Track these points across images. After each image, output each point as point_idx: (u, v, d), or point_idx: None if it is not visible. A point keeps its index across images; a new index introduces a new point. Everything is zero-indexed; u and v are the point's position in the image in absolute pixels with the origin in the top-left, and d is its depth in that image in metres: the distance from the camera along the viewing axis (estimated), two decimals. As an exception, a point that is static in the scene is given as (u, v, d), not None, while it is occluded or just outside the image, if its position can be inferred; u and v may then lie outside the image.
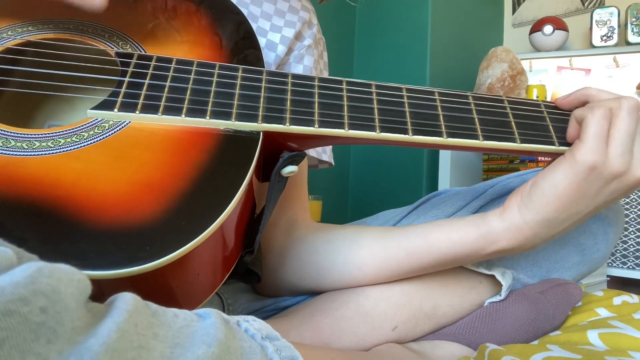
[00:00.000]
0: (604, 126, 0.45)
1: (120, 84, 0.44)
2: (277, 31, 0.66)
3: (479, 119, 0.48)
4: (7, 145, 0.39)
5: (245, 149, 0.42)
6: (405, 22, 1.73)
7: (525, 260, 0.60)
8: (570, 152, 0.46)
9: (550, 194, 0.46)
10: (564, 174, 0.45)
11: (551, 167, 0.47)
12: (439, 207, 0.64)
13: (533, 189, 0.47)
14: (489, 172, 1.65)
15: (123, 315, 0.24)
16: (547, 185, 0.46)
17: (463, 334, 0.55)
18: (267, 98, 0.45)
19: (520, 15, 2.25)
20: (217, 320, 0.29)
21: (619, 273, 1.64)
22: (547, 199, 0.46)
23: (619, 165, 0.44)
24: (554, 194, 0.46)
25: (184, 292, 0.39)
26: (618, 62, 1.90)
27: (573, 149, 0.46)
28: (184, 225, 0.35)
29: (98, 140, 0.40)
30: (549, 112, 0.50)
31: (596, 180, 0.45)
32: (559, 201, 0.46)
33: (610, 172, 0.44)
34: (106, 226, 0.34)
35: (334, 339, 0.51)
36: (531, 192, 0.47)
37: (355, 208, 1.80)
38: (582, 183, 0.45)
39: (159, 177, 0.38)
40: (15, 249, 0.25)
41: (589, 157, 0.44)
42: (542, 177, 0.47)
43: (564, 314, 0.58)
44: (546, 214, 0.46)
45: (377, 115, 0.46)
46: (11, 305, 0.21)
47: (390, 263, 0.52)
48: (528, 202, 0.47)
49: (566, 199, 0.46)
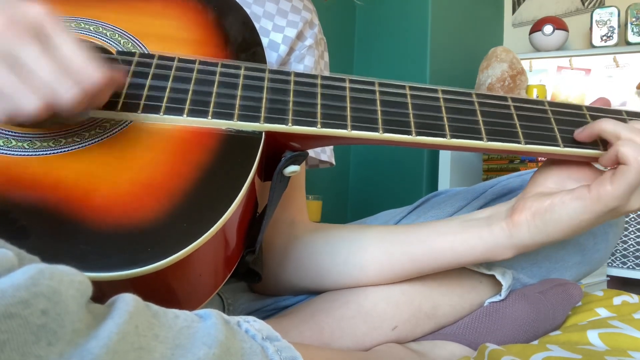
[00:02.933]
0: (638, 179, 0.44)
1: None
2: (280, 31, 0.66)
3: (483, 120, 0.47)
4: (8, 145, 0.39)
5: (248, 149, 0.42)
6: (405, 22, 1.73)
7: (525, 260, 0.60)
8: (597, 190, 0.45)
9: (564, 222, 0.46)
10: (583, 209, 0.45)
11: (570, 196, 0.46)
12: (439, 207, 0.64)
13: (548, 214, 0.47)
14: (489, 172, 1.65)
15: (124, 317, 0.24)
16: (565, 216, 0.46)
17: (463, 334, 0.55)
18: (270, 98, 0.45)
19: (520, 15, 2.25)
20: (217, 321, 0.29)
21: (619, 273, 1.65)
22: (560, 227, 0.47)
23: (636, 208, 0.45)
24: (568, 225, 0.46)
25: (186, 292, 0.39)
26: (618, 62, 1.90)
27: (600, 189, 0.44)
28: (186, 226, 0.35)
29: (99, 140, 0.40)
30: (553, 111, 0.49)
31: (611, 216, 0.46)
32: (571, 229, 0.47)
33: (625, 212, 0.46)
34: (108, 227, 0.34)
35: (334, 338, 0.51)
36: (545, 217, 0.47)
37: (355, 208, 1.80)
38: (599, 219, 0.46)
39: (161, 177, 0.38)
40: (16, 251, 0.25)
41: (614, 203, 0.44)
42: (561, 204, 0.46)
43: (564, 314, 0.58)
44: (555, 238, 0.47)
45: (380, 116, 0.45)
46: (12, 308, 0.21)
47: (394, 268, 0.53)
48: (540, 225, 0.47)
49: (579, 228, 0.47)
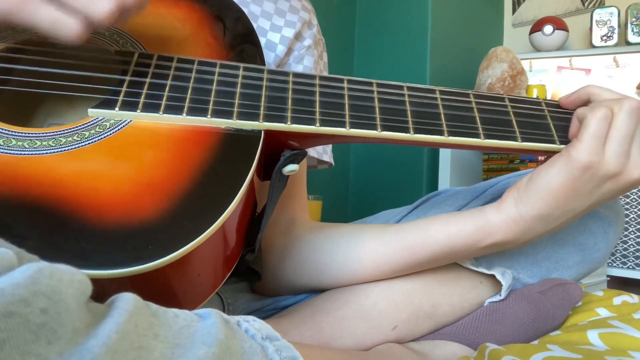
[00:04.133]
0: (603, 126, 0.45)
1: (121, 83, 0.44)
2: (277, 31, 0.66)
3: (480, 118, 0.48)
4: (8, 144, 0.39)
5: (247, 148, 0.42)
6: (405, 22, 1.73)
7: (525, 260, 0.60)
8: (567, 150, 0.46)
9: (544, 190, 0.46)
10: (558, 171, 0.46)
11: (547, 163, 0.47)
12: (439, 207, 0.64)
13: (529, 184, 0.48)
14: (489, 172, 1.65)
15: (123, 316, 0.24)
16: (542, 181, 0.47)
17: (463, 334, 0.55)
18: (268, 96, 0.45)
19: (520, 15, 2.25)
20: (217, 320, 0.29)
21: (619, 273, 1.64)
22: (541, 195, 0.47)
23: (614, 166, 0.45)
24: (547, 190, 0.46)
25: (186, 291, 0.39)
26: (618, 62, 1.90)
27: (570, 147, 0.46)
28: (186, 224, 0.35)
29: (99, 139, 0.40)
30: (550, 110, 0.50)
31: (590, 179, 0.45)
32: (552, 198, 0.46)
33: (605, 173, 0.45)
34: (108, 225, 0.34)
35: (334, 338, 0.51)
36: (527, 187, 0.48)
37: (355, 208, 1.80)
38: (576, 181, 0.45)
39: (161, 176, 0.38)
40: (15, 250, 0.25)
41: (584, 156, 0.44)
42: (538, 173, 0.47)
43: (564, 313, 0.58)
44: (540, 209, 0.47)
45: (378, 114, 0.46)
46: (12, 307, 0.21)
47: (388, 256, 0.52)
48: (524, 196, 0.48)
49: (560, 196, 0.46)
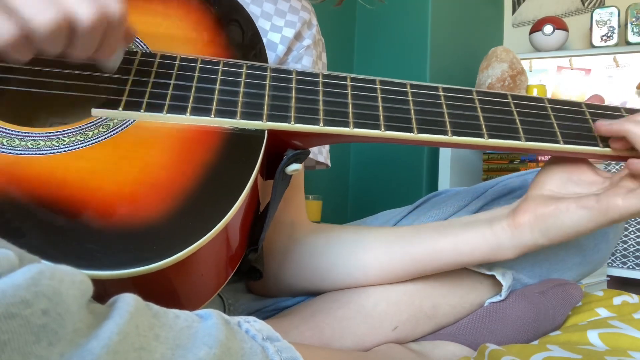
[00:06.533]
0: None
1: (124, 82, 0.44)
2: (278, 31, 0.66)
3: (484, 117, 0.47)
4: (11, 145, 0.39)
5: (251, 148, 0.42)
6: (405, 22, 1.73)
7: (525, 261, 0.60)
8: (607, 203, 0.44)
9: (568, 231, 0.47)
10: (588, 219, 0.45)
11: (578, 206, 0.46)
12: (439, 207, 0.64)
13: (552, 219, 0.47)
14: (489, 172, 1.64)
15: (124, 317, 0.24)
16: (569, 222, 0.46)
17: (463, 334, 0.55)
18: (272, 96, 0.45)
19: (520, 15, 2.25)
20: (218, 321, 0.29)
21: (619, 273, 1.64)
22: (563, 233, 0.47)
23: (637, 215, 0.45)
24: (572, 232, 0.47)
25: (190, 291, 0.39)
26: (618, 62, 1.90)
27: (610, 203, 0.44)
28: (190, 224, 0.35)
29: (103, 139, 0.40)
30: (553, 109, 0.50)
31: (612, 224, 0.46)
32: (572, 235, 0.47)
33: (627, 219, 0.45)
34: (112, 226, 0.34)
35: (334, 338, 0.51)
36: (549, 221, 0.47)
37: (355, 208, 1.80)
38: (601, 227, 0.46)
39: (164, 176, 0.38)
40: (17, 251, 0.25)
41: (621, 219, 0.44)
42: (566, 212, 0.46)
43: (564, 314, 0.58)
44: (557, 241, 0.48)
45: (381, 113, 0.45)
46: (13, 308, 0.21)
47: (395, 268, 0.53)
48: (543, 229, 0.47)
49: (580, 234, 0.47)
